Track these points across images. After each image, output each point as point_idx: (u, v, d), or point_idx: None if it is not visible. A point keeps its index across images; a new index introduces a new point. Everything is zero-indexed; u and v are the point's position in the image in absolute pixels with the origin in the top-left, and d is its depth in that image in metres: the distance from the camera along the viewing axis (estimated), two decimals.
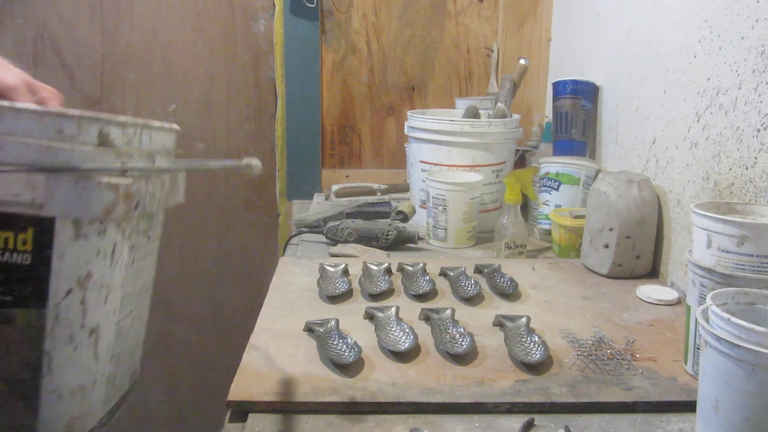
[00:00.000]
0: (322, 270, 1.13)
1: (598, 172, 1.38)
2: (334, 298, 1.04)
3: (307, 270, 1.17)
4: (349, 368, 0.80)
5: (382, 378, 0.78)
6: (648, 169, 1.24)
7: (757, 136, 0.90)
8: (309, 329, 0.90)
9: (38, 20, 1.88)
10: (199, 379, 2.14)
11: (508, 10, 1.93)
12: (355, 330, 0.91)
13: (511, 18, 1.94)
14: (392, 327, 0.90)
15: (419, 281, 1.10)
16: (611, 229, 1.13)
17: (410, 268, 1.15)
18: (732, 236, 0.73)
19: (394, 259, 1.24)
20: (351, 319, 0.95)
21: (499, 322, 0.93)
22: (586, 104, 1.51)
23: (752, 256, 0.72)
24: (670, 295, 1.04)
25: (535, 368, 0.81)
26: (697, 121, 1.06)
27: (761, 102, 0.89)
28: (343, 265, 1.15)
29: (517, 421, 0.70)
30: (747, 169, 0.92)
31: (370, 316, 0.95)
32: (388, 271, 1.15)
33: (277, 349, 0.86)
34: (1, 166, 0.49)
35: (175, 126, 0.65)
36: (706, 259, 0.76)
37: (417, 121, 1.51)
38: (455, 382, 0.77)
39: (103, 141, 0.52)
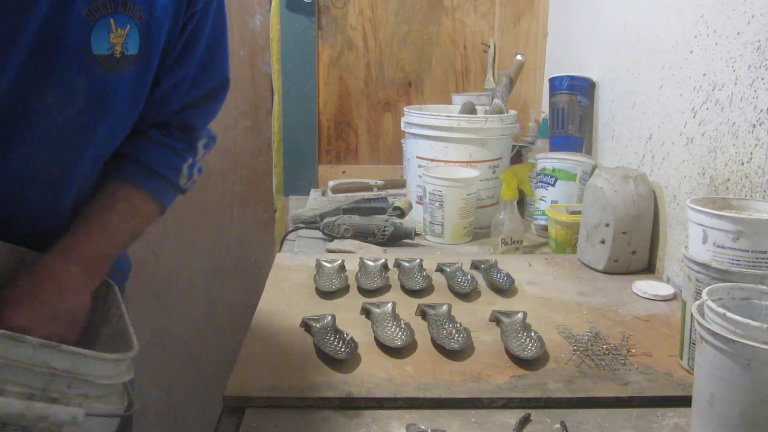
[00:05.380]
0: (319, 266, 1.13)
1: (594, 167, 1.38)
2: (330, 294, 1.04)
3: (303, 266, 1.17)
4: (345, 364, 0.80)
5: (378, 374, 0.78)
6: (644, 165, 1.24)
7: (752, 132, 0.90)
8: (305, 325, 0.90)
9: None
10: (195, 375, 2.14)
11: (504, 5, 1.93)
12: (352, 326, 0.91)
13: (507, 13, 1.93)
14: (388, 323, 0.90)
15: (416, 277, 1.10)
16: (607, 225, 1.14)
17: (407, 264, 1.15)
18: (728, 232, 0.73)
19: (391, 255, 1.24)
20: (347, 315, 0.95)
21: (496, 318, 0.93)
22: (583, 100, 1.51)
23: (748, 251, 0.72)
24: (666, 290, 1.05)
25: (531, 364, 0.81)
26: (693, 117, 1.06)
27: (757, 98, 0.89)
28: (339, 261, 1.15)
29: (513, 417, 0.71)
30: (743, 164, 0.92)
31: (366, 312, 0.95)
32: (385, 267, 1.15)
33: (274, 344, 0.86)
34: None
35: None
36: (701, 254, 0.76)
37: (414, 117, 1.51)
38: (451, 378, 0.77)
39: None
